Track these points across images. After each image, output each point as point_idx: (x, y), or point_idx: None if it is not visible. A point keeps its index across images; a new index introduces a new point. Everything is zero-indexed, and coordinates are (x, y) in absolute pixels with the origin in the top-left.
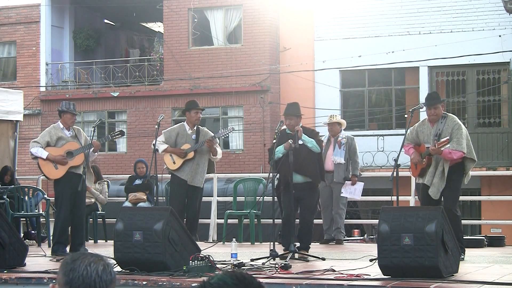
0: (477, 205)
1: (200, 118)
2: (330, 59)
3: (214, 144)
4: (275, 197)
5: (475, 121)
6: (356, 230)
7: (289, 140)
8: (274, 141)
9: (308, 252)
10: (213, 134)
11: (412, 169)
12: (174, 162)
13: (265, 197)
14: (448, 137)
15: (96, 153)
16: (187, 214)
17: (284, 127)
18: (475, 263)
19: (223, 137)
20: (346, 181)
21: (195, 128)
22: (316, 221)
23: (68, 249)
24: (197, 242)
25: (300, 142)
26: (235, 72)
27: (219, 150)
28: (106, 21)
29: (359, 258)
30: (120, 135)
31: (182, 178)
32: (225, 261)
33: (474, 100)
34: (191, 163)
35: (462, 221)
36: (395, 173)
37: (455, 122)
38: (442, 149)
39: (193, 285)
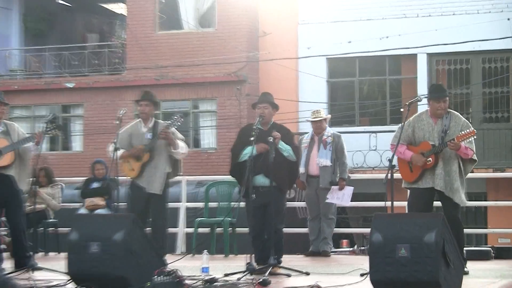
0: (483, 211)
1: (149, 111)
2: (315, 45)
3: (170, 135)
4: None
5: (481, 116)
6: (345, 240)
7: (268, 138)
8: (252, 138)
9: (281, 266)
10: (167, 123)
11: (404, 171)
12: (132, 169)
13: (241, 203)
14: (473, 129)
15: (38, 147)
16: (152, 227)
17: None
18: (481, 277)
19: (174, 127)
20: (332, 186)
21: (151, 125)
22: (301, 230)
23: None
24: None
25: (273, 153)
26: (207, 60)
27: (182, 144)
28: (60, 1)
29: (348, 273)
30: (55, 130)
31: (139, 185)
32: (195, 276)
33: (479, 92)
34: (149, 167)
35: (465, 229)
36: (389, 175)
37: (462, 119)
38: (462, 144)
39: None
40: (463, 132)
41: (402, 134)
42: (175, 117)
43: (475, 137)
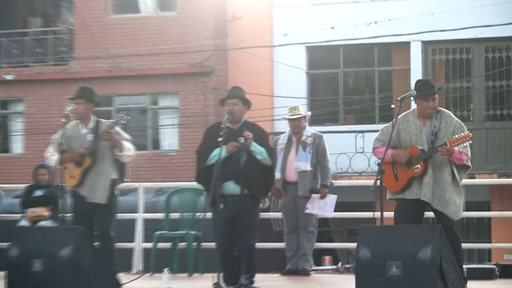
0: (486, 223)
1: (85, 111)
2: (293, 31)
3: (114, 136)
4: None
5: (483, 113)
6: (327, 257)
7: (239, 139)
8: (220, 139)
9: (254, 286)
10: (110, 123)
11: (388, 179)
12: (72, 176)
13: (207, 214)
14: (467, 132)
15: None
16: (98, 242)
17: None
18: None
19: (119, 126)
20: (313, 194)
21: (92, 125)
22: (276, 245)
23: None
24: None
25: (245, 157)
26: (168, 48)
27: (128, 145)
28: None
29: None
30: None
31: (81, 194)
32: None
33: (481, 86)
34: (92, 173)
35: (466, 244)
36: (378, 181)
37: (455, 119)
38: (455, 148)
39: None
40: (456, 136)
41: (385, 137)
42: (120, 115)
43: (470, 141)
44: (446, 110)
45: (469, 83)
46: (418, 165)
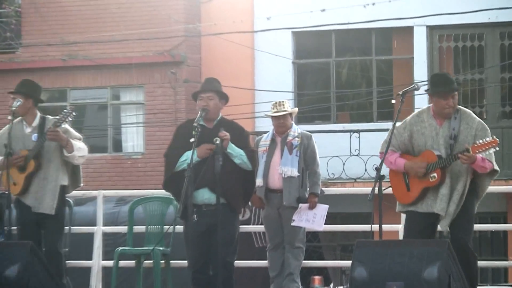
0: (502, 237)
1: (24, 108)
2: (277, 14)
3: (60, 135)
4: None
5: (498, 110)
6: (317, 277)
7: (215, 140)
8: (192, 140)
9: None
10: (56, 119)
11: (398, 189)
12: (15, 183)
13: (178, 227)
14: (494, 138)
15: None
16: (46, 259)
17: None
18: None
19: (65, 123)
20: (300, 204)
21: (36, 123)
22: (258, 263)
23: None
24: None
25: (221, 161)
26: (132, 34)
27: (79, 144)
28: None
29: None
30: None
31: (26, 203)
32: None
33: (496, 78)
34: (37, 179)
35: (479, 262)
36: (377, 189)
37: (476, 119)
38: (478, 155)
39: None
40: (481, 142)
41: (396, 140)
42: (66, 110)
43: (497, 148)
44: (467, 109)
45: (481, 74)
46: (435, 174)
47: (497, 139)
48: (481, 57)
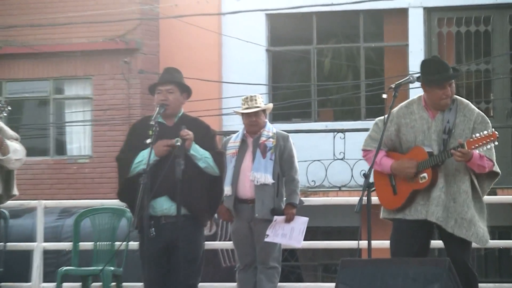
0: (510, 255)
1: None
2: None
3: None
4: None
5: (507, 106)
6: None
7: (176, 140)
8: (149, 140)
9: None
10: None
11: (384, 193)
12: None
13: (132, 243)
14: (492, 130)
15: None
16: None
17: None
18: None
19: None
20: (276, 216)
21: None
22: (227, 285)
23: None
24: None
25: (182, 164)
26: (77, 17)
27: (15, 145)
28: None
29: None
30: None
31: None
32: None
33: (505, 69)
34: None
35: (484, 284)
36: (365, 198)
37: (475, 111)
38: (475, 152)
39: None
40: (477, 135)
41: (375, 134)
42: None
43: (496, 143)
44: (464, 99)
45: (488, 65)
46: (425, 174)
47: (496, 132)
48: (488, 45)
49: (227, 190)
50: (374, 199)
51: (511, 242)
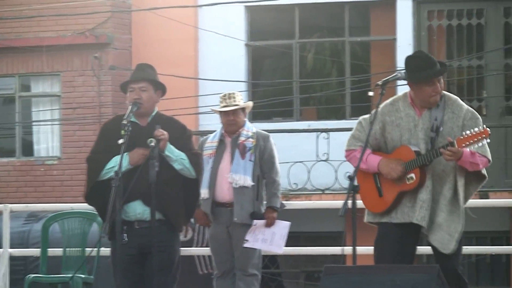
0: (504, 262)
1: None
2: None
3: None
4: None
5: (501, 104)
6: None
7: (149, 140)
8: (121, 141)
9: None
10: None
11: (368, 195)
12: None
13: (103, 249)
14: (484, 127)
15: None
16: None
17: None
18: None
19: None
20: (255, 221)
21: None
22: None
23: None
24: None
25: (157, 166)
26: (45, 9)
27: None
28: None
29: None
30: None
31: None
32: None
33: (499, 64)
34: None
35: None
36: (350, 202)
37: (464, 107)
38: (465, 149)
39: None
40: (468, 133)
41: (358, 133)
42: None
43: (488, 140)
44: (452, 95)
45: (480, 60)
46: (412, 174)
47: (488, 129)
48: (481, 39)
49: (204, 193)
50: (360, 203)
51: (504, 248)
